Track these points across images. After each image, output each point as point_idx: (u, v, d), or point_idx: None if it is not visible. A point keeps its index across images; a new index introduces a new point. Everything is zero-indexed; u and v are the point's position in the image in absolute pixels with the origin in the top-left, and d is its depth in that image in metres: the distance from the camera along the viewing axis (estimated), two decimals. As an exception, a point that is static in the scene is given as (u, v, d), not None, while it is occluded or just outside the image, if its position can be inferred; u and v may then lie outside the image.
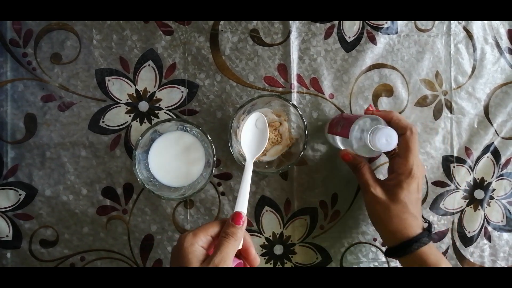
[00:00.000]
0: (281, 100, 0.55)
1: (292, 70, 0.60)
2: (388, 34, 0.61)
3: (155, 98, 0.59)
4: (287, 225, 0.61)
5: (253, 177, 0.52)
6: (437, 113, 0.62)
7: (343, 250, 0.62)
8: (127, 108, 0.59)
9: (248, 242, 0.48)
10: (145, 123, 0.59)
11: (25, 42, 0.58)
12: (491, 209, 0.63)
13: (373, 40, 0.61)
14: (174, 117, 0.59)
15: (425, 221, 0.54)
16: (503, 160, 0.63)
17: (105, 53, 0.59)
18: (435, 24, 0.62)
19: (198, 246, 0.44)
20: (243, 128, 0.54)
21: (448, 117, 0.62)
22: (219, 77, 0.60)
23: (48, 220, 0.58)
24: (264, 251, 0.61)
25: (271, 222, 0.61)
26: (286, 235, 0.61)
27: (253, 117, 0.55)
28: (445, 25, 0.62)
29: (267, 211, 0.60)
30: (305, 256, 0.61)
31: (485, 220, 0.63)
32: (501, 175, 0.63)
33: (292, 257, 0.61)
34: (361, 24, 0.61)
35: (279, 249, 0.61)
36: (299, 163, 0.60)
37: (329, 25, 0.61)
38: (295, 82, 0.60)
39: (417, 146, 0.52)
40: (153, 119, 0.59)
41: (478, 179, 0.63)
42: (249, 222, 0.59)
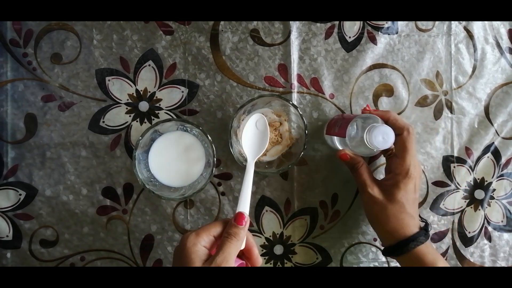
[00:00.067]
0: (282, 100, 0.55)
1: (293, 70, 0.60)
2: (389, 34, 0.61)
3: (155, 98, 0.59)
4: (287, 225, 0.61)
5: (254, 177, 0.52)
6: (438, 113, 0.62)
7: (343, 250, 0.61)
8: (127, 108, 0.59)
9: (251, 242, 0.48)
10: (145, 123, 0.59)
11: (25, 42, 0.58)
12: (491, 209, 0.63)
13: (373, 40, 0.61)
14: (174, 117, 0.59)
15: (422, 220, 0.54)
16: (503, 160, 0.62)
17: (105, 53, 0.59)
18: (435, 24, 0.62)
19: (200, 246, 0.44)
20: (244, 129, 0.54)
21: (448, 117, 0.62)
22: (219, 77, 0.60)
23: (48, 220, 0.58)
24: (264, 251, 0.61)
25: (271, 222, 0.61)
26: (286, 235, 0.61)
27: (254, 118, 0.55)
28: (445, 25, 0.62)
29: (267, 211, 0.60)
30: (305, 256, 0.61)
31: (486, 220, 0.63)
32: (502, 175, 0.63)
33: (292, 257, 0.61)
34: (361, 24, 0.61)
35: (279, 249, 0.61)
36: (299, 163, 0.60)
37: (329, 25, 0.61)
38: (295, 82, 0.60)
39: (414, 146, 0.52)
40: (153, 119, 0.59)
41: (479, 179, 0.63)
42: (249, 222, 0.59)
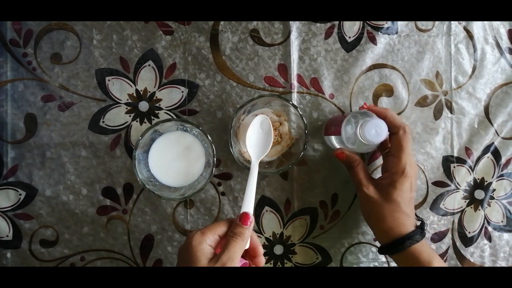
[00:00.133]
0: (281, 100, 0.55)
1: (292, 70, 0.60)
2: (389, 34, 0.61)
3: (155, 98, 0.59)
4: (287, 225, 0.61)
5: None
6: (438, 113, 0.62)
7: (343, 250, 0.61)
8: (127, 108, 0.59)
9: (256, 241, 0.49)
10: (145, 123, 0.59)
11: (25, 42, 0.58)
12: (491, 209, 0.63)
13: (373, 40, 0.61)
14: (174, 117, 0.59)
15: (418, 219, 0.54)
16: (503, 160, 0.62)
17: (105, 53, 0.59)
18: (435, 24, 0.62)
19: (206, 245, 0.45)
20: (248, 130, 0.54)
21: (448, 117, 0.62)
22: (219, 77, 0.60)
23: (48, 220, 0.58)
24: (264, 251, 0.61)
25: (271, 222, 0.61)
26: (286, 235, 0.61)
27: (258, 119, 0.55)
28: (445, 25, 0.62)
29: (267, 211, 0.60)
30: (305, 256, 0.61)
31: (485, 220, 0.63)
32: (502, 175, 0.63)
33: (292, 257, 0.61)
34: (361, 24, 0.61)
35: (279, 249, 0.61)
36: (299, 163, 0.60)
37: (329, 25, 0.61)
38: (295, 82, 0.60)
39: (410, 146, 0.52)
40: (153, 119, 0.59)
41: (479, 179, 0.63)
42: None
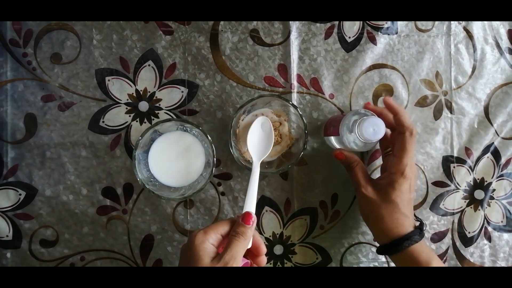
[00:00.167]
0: (281, 100, 0.55)
1: (292, 70, 0.60)
2: (388, 34, 0.61)
3: (155, 98, 0.59)
4: (287, 225, 0.61)
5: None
6: (437, 113, 0.62)
7: (343, 250, 0.61)
8: (127, 108, 0.59)
9: (258, 240, 0.49)
10: (145, 123, 0.59)
11: (25, 42, 0.58)
12: (491, 209, 0.63)
13: (373, 40, 0.61)
14: (174, 117, 0.59)
15: (417, 220, 0.54)
16: (503, 161, 0.62)
17: (105, 53, 0.59)
18: (435, 24, 0.62)
19: (208, 244, 0.45)
20: (249, 131, 0.55)
21: (448, 117, 0.62)
22: (219, 77, 0.60)
23: (48, 220, 0.58)
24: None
25: (271, 222, 0.61)
26: (286, 235, 0.61)
27: (259, 120, 0.56)
28: (445, 25, 0.62)
29: (267, 211, 0.60)
30: (305, 256, 0.61)
31: (485, 220, 0.63)
32: (501, 175, 0.63)
33: (292, 257, 0.61)
34: (361, 24, 0.61)
35: (279, 249, 0.61)
36: (299, 163, 0.60)
37: (329, 25, 0.61)
38: (295, 82, 0.60)
39: (414, 149, 0.52)
40: (153, 119, 0.59)
41: (478, 179, 0.63)
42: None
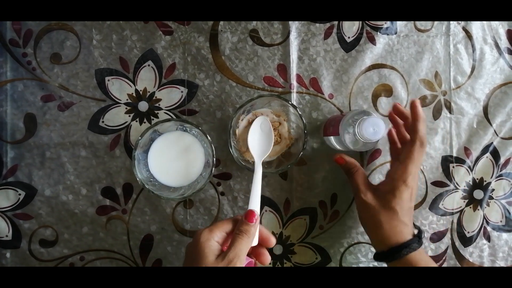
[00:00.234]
0: (281, 100, 0.55)
1: (292, 70, 0.60)
2: (388, 35, 0.61)
3: (154, 98, 0.59)
4: (287, 225, 0.61)
5: (253, 177, 0.52)
6: (437, 113, 0.62)
7: (342, 250, 0.62)
8: (126, 108, 0.59)
9: (266, 233, 0.50)
10: (144, 123, 0.59)
11: (25, 42, 0.58)
12: (490, 209, 0.63)
13: (372, 40, 0.61)
14: (174, 117, 0.59)
15: (416, 227, 0.54)
16: (502, 160, 0.63)
17: (105, 53, 0.59)
18: (434, 25, 0.62)
19: (214, 242, 0.45)
20: (249, 132, 0.55)
21: (447, 117, 0.62)
22: (218, 77, 0.60)
23: (47, 220, 0.58)
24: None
25: (270, 222, 0.61)
26: (285, 235, 0.61)
27: (258, 120, 0.56)
28: (444, 25, 0.62)
29: (266, 211, 0.60)
30: (304, 256, 0.61)
31: (484, 220, 0.63)
32: (500, 175, 0.63)
33: (292, 257, 0.61)
34: (360, 24, 0.61)
35: (278, 249, 0.61)
36: (298, 163, 0.60)
37: (328, 25, 0.61)
38: (294, 82, 0.60)
39: (421, 159, 0.51)
40: (153, 119, 0.59)
41: (477, 179, 0.63)
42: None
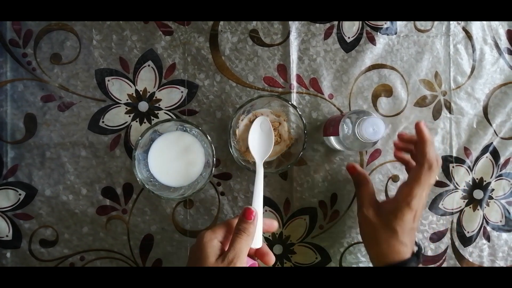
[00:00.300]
0: (281, 100, 0.55)
1: (292, 71, 0.60)
2: (388, 35, 0.61)
3: (154, 98, 0.59)
4: (287, 225, 0.61)
5: (253, 177, 0.52)
6: (436, 113, 0.62)
7: (342, 250, 0.62)
8: (127, 108, 0.59)
9: (268, 220, 0.51)
10: (144, 123, 0.59)
11: (25, 43, 0.58)
12: (490, 209, 0.63)
13: (372, 41, 0.61)
14: (174, 117, 0.59)
15: (416, 245, 0.53)
16: (502, 160, 0.63)
17: (105, 53, 0.59)
18: (434, 25, 0.62)
19: (217, 242, 0.46)
20: (249, 133, 0.55)
21: (447, 117, 0.62)
22: (218, 78, 0.60)
23: (48, 220, 0.58)
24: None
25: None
26: (285, 235, 0.61)
27: (258, 121, 0.56)
28: (444, 25, 0.62)
29: (266, 211, 0.60)
30: (304, 256, 0.61)
31: (484, 220, 0.63)
32: (500, 175, 0.63)
33: (292, 257, 0.61)
34: (360, 25, 0.61)
35: (278, 249, 0.61)
36: (298, 163, 0.60)
37: (328, 25, 0.61)
38: (294, 83, 0.60)
39: (428, 182, 0.50)
40: (153, 119, 0.59)
41: (477, 179, 0.63)
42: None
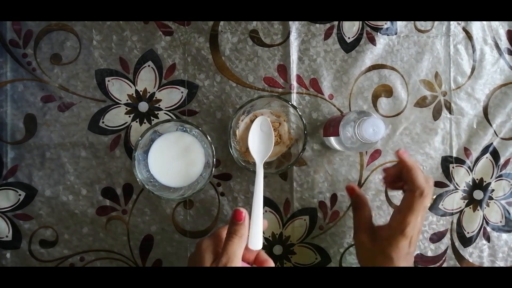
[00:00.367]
0: (281, 101, 0.55)
1: (292, 71, 0.60)
2: (388, 35, 0.61)
3: (155, 98, 0.59)
4: (287, 225, 0.61)
5: (253, 177, 0.52)
6: (437, 113, 0.62)
7: (342, 250, 0.62)
8: (127, 109, 0.59)
9: (265, 258, 0.50)
10: (144, 123, 0.59)
11: (25, 43, 0.58)
12: (490, 209, 0.63)
13: (372, 41, 0.61)
14: (174, 117, 0.59)
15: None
16: (502, 161, 0.63)
17: (105, 53, 0.59)
18: (434, 25, 0.62)
19: (214, 248, 0.45)
20: (249, 133, 0.55)
21: (447, 118, 0.62)
22: (218, 78, 0.60)
23: (47, 221, 0.58)
24: (264, 251, 0.61)
25: (270, 223, 0.61)
26: (285, 236, 0.61)
27: (258, 121, 0.56)
28: (444, 25, 0.62)
29: (266, 211, 0.60)
30: (304, 257, 0.61)
31: (484, 220, 0.63)
32: (500, 175, 0.63)
33: (292, 257, 0.61)
34: (360, 25, 0.61)
35: (278, 250, 0.61)
36: (298, 164, 0.60)
37: (328, 25, 0.61)
38: (294, 83, 0.60)
39: (422, 208, 0.49)
40: (153, 120, 0.59)
41: (477, 179, 0.63)
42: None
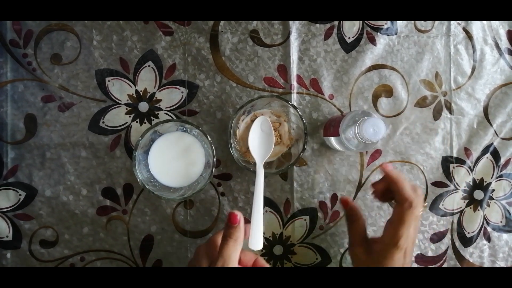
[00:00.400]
0: (281, 101, 0.55)
1: (292, 71, 0.60)
2: (388, 35, 0.61)
3: (155, 98, 0.59)
4: (287, 225, 0.61)
5: (253, 177, 0.52)
6: (437, 113, 0.62)
7: (342, 250, 0.62)
8: (127, 109, 0.59)
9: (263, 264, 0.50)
10: (145, 123, 0.59)
11: (25, 43, 0.58)
12: (490, 209, 0.63)
13: (372, 41, 0.61)
14: (174, 117, 0.59)
15: None
16: (502, 161, 0.63)
17: (105, 53, 0.59)
18: (434, 25, 0.62)
19: (213, 252, 0.45)
20: (250, 133, 0.55)
21: (447, 118, 0.62)
22: (219, 78, 0.60)
23: (48, 221, 0.58)
24: (264, 251, 0.61)
25: (270, 223, 0.61)
26: (285, 236, 0.61)
27: (258, 121, 0.56)
28: (444, 26, 0.62)
29: (266, 211, 0.60)
30: (304, 257, 0.61)
31: (485, 220, 0.63)
32: (501, 175, 0.63)
33: (292, 257, 0.61)
34: (360, 25, 0.61)
35: (278, 250, 0.61)
36: (298, 164, 0.60)
37: (328, 25, 0.61)
38: (295, 83, 0.60)
39: (413, 220, 0.48)
40: (153, 120, 0.59)
41: (478, 179, 0.63)
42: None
